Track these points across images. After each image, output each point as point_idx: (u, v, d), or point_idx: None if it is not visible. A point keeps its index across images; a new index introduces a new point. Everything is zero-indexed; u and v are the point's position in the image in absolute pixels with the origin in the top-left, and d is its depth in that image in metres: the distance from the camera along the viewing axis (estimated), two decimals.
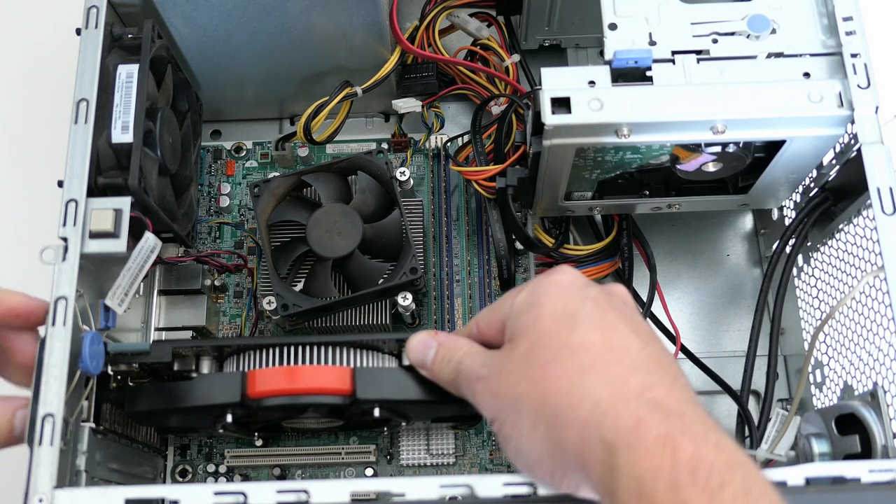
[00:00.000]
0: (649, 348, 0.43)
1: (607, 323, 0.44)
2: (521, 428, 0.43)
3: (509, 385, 0.44)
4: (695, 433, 0.38)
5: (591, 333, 0.43)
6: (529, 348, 0.44)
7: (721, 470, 0.37)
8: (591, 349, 0.43)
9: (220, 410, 0.54)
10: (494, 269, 0.71)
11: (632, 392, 0.40)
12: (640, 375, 0.41)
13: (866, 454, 0.52)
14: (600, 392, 0.41)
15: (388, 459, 0.68)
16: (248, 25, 0.65)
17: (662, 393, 0.41)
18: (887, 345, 0.52)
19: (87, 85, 0.55)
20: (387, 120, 0.79)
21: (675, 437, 0.38)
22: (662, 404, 0.40)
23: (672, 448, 0.37)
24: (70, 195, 0.52)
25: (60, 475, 0.47)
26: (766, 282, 0.64)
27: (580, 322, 0.44)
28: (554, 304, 0.45)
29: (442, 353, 0.51)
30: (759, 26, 0.54)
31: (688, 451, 0.37)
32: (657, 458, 0.37)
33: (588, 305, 0.45)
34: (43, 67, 0.84)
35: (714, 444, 0.38)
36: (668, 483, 0.37)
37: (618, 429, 0.39)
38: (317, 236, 0.64)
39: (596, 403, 0.40)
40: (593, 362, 0.42)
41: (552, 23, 0.74)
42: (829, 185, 0.60)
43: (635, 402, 0.40)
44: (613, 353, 0.43)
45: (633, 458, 0.38)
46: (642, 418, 0.39)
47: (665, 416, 0.39)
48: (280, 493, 0.45)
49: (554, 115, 0.52)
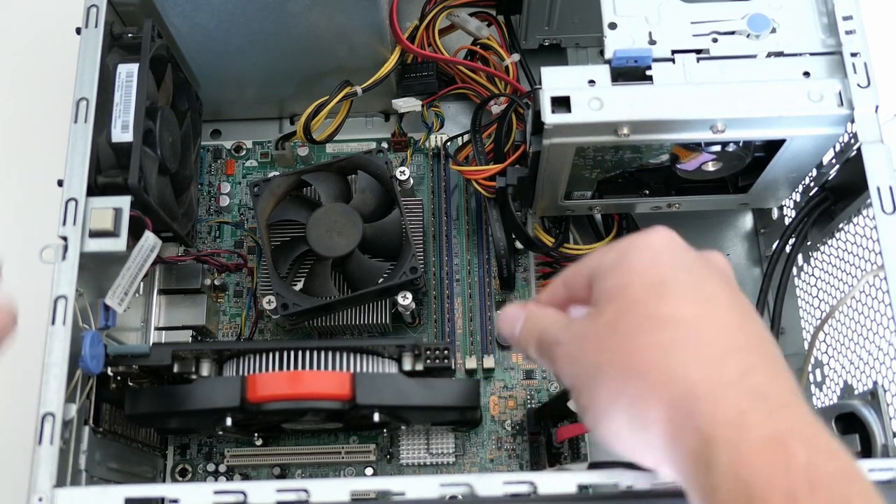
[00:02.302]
0: (749, 325, 0.39)
1: (703, 294, 0.40)
2: (600, 399, 0.40)
3: (590, 352, 0.41)
4: (805, 435, 0.35)
5: (684, 305, 0.39)
6: (615, 316, 0.40)
7: (839, 481, 0.34)
8: (683, 322, 0.38)
9: (220, 414, 0.54)
10: (494, 268, 0.71)
11: (729, 375, 0.36)
12: (738, 356, 0.37)
13: (866, 453, 0.52)
14: (693, 372, 0.37)
15: (387, 459, 0.68)
16: (248, 25, 0.65)
17: (765, 380, 0.37)
18: (887, 344, 0.52)
19: (87, 84, 0.55)
20: (387, 119, 0.79)
21: (786, 440, 0.34)
22: (766, 395, 0.36)
23: (784, 453, 0.34)
24: (70, 194, 0.52)
25: (60, 474, 0.47)
26: (766, 281, 0.64)
27: (672, 291, 0.39)
28: (645, 269, 0.41)
29: (529, 324, 0.47)
30: (759, 25, 0.54)
31: (801, 457, 0.34)
32: (767, 462, 0.34)
33: (682, 273, 0.40)
34: (43, 67, 0.84)
35: (826, 450, 0.35)
36: (785, 494, 0.33)
37: (716, 420, 0.35)
38: (317, 236, 0.64)
39: (688, 384, 0.37)
40: (685, 337, 0.38)
41: (552, 22, 0.74)
42: (828, 185, 0.60)
43: (735, 390, 0.36)
44: (708, 328, 0.38)
45: (737, 458, 0.34)
46: (745, 411, 0.35)
47: (770, 411, 0.35)
48: (280, 493, 0.45)
49: (554, 114, 0.52)
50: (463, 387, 0.58)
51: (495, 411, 0.69)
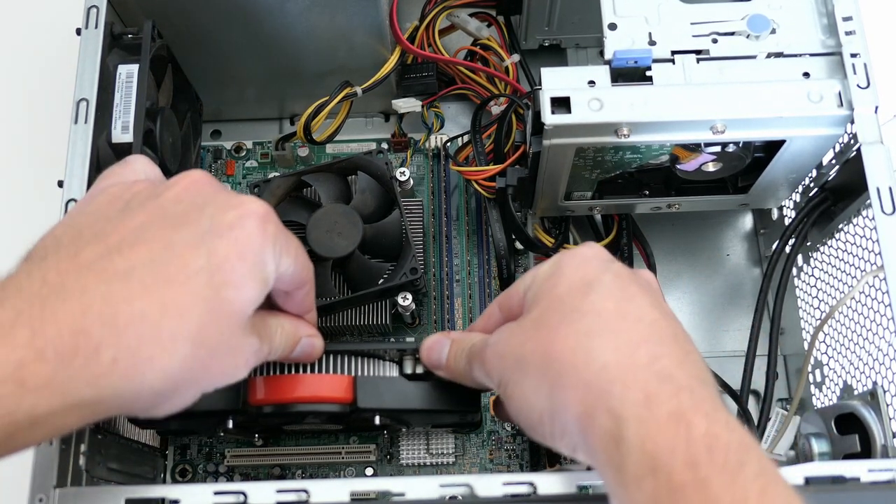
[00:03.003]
0: (664, 321, 0.43)
1: (625, 294, 0.43)
2: (524, 387, 0.43)
3: (516, 346, 0.44)
4: (705, 410, 0.38)
5: (606, 301, 0.42)
6: (540, 313, 0.44)
7: (736, 449, 0.37)
8: (603, 314, 0.42)
9: (221, 417, 0.54)
10: (494, 269, 0.71)
11: (640, 361, 0.40)
12: (650, 346, 0.41)
13: (866, 454, 0.52)
14: (608, 357, 0.40)
15: (388, 459, 0.68)
16: (248, 25, 0.65)
17: (672, 364, 0.40)
18: (887, 344, 0.52)
19: (87, 85, 0.55)
20: (387, 120, 0.79)
21: (688, 414, 0.37)
22: (672, 377, 0.39)
23: (686, 425, 0.37)
24: (70, 195, 0.52)
25: (61, 474, 0.47)
26: (766, 281, 0.64)
27: (596, 290, 0.43)
28: (573, 273, 0.44)
29: (455, 348, 0.51)
30: (758, 26, 0.54)
31: (701, 427, 0.37)
32: (671, 434, 0.37)
33: (608, 276, 0.44)
34: (43, 67, 0.84)
35: (725, 423, 0.38)
36: (686, 461, 0.36)
37: (626, 400, 0.38)
38: (317, 236, 0.64)
39: (602, 368, 0.40)
40: (603, 327, 0.41)
41: (552, 23, 0.74)
42: (828, 185, 0.60)
43: (644, 373, 0.39)
44: (625, 320, 0.42)
45: (644, 432, 0.37)
46: (653, 393, 0.38)
47: (675, 391, 0.39)
48: (280, 493, 0.45)
49: (554, 114, 0.52)
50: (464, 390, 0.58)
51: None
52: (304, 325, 0.50)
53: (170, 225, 0.40)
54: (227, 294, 0.40)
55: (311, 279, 0.49)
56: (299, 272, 0.46)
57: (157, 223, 0.40)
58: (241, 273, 0.41)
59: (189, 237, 0.40)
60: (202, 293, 0.39)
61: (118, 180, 0.45)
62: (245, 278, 0.41)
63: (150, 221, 0.41)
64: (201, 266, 0.39)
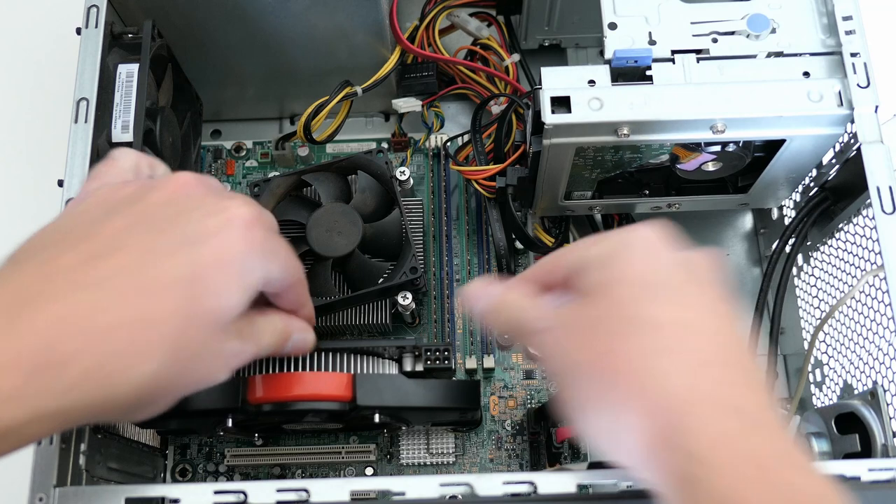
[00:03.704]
0: (727, 335, 0.40)
1: (685, 299, 0.41)
2: (581, 398, 0.41)
3: (573, 348, 0.41)
4: (780, 451, 0.37)
5: (667, 309, 0.40)
6: (599, 313, 0.41)
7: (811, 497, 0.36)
8: (665, 328, 0.39)
9: (221, 415, 0.54)
10: (494, 268, 0.71)
11: (709, 388, 0.38)
12: (715, 369, 0.39)
13: (866, 453, 0.52)
14: (674, 383, 0.38)
15: (388, 458, 0.68)
16: (248, 25, 0.65)
17: (740, 394, 0.38)
18: (887, 344, 0.52)
19: (88, 84, 0.55)
20: (387, 119, 0.79)
21: (764, 459, 0.36)
22: (741, 409, 0.37)
23: (761, 470, 0.36)
24: (70, 194, 0.52)
25: (61, 474, 0.47)
26: (766, 281, 0.64)
27: (657, 295, 0.40)
28: (635, 268, 0.41)
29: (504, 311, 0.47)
30: (758, 26, 0.54)
31: (780, 476, 0.36)
32: (749, 482, 0.35)
33: (668, 276, 0.41)
34: (43, 67, 0.84)
35: (801, 467, 0.37)
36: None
37: (700, 439, 0.36)
38: (317, 236, 0.64)
39: (669, 396, 0.38)
40: (665, 345, 0.39)
41: (552, 22, 0.74)
42: (828, 185, 0.60)
43: (713, 404, 0.37)
44: (688, 336, 0.39)
45: (720, 477, 0.36)
46: (728, 431, 0.37)
47: (750, 429, 0.37)
48: (280, 493, 0.45)
49: (554, 114, 0.52)
50: (463, 387, 0.58)
51: (495, 411, 0.69)
52: (295, 321, 0.50)
53: (153, 230, 0.40)
54: (206, 303, 0.40)
55: (301, 280, 0.48)
56: (288, 276, 0.46)
57: (141, 228, 0.40)
58: (221, 281, 0.40)
59: (171, 243, 0.40)
60: (180, 302, 0.39)
61: (108, 181, 0.45)
62: (226, 286, 0.41)
63: (133, 226, 0.40)
64: (181, 274, 0.39)
